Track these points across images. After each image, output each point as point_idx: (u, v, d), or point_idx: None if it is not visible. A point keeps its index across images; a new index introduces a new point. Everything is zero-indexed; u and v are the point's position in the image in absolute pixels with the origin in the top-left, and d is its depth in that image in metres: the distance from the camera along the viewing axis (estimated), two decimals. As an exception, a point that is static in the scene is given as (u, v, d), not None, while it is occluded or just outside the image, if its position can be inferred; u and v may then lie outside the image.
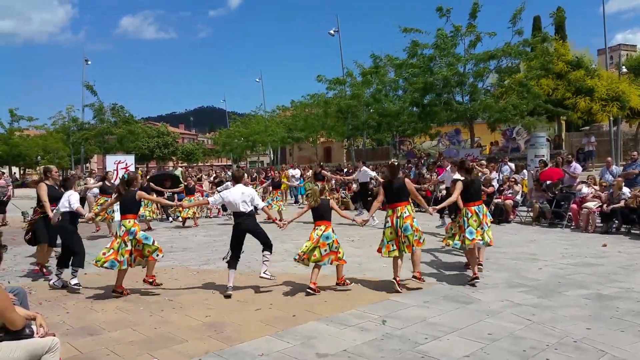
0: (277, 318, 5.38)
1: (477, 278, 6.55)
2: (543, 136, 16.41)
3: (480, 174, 15.11)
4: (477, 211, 6.81)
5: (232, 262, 6.49)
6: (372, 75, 23.51)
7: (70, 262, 6.93)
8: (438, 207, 7.47)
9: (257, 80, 45.91)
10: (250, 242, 6.55)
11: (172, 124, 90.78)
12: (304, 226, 12.83)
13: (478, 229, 6.74)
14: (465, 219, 6.84)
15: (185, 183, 15.44)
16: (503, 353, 4.27)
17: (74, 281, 6.72)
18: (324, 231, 6.38)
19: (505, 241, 10.14)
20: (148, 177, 17.64)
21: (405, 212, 6.43)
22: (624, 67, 30.04)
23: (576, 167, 13.58)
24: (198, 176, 19.61)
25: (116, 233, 6.59)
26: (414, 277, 6.48)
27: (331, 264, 6.43)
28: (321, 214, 6.52)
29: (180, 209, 13.28)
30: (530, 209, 13.09)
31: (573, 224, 11.79)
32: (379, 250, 6.68)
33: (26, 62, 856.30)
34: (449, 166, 12.38)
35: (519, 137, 26.29)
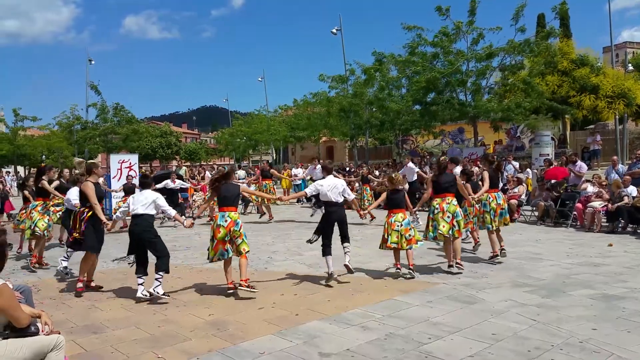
0: (280, 317, 5.38)
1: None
2: (548, 135, 16.39)
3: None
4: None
5: (327, 249, 6.78)
6: (375, 72, 23.43)
7: (156, 268, 6.22)
8: (477, 195, 8.07)
9: (260, 79, 45.94)
10: (254, 239, 6.54)
11: (175, 123, 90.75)
12: (306, 225, 12.83)
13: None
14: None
15: (261, 169, 15.66)
16: (507, 353, 4.25)
17: (160, 290, 6.08)
18: None
19: (510, 240, 10.08)
20: (152, 175, 17.66)
21: (454, 201, 7.47)
22: (629, 64, 29.91)
23: (582, 166, 13.53)
24: (202, 175, 19.60)
25: (218, 224, 6.25)
26: (457, 264, 7.32)
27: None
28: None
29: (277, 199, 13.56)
30: (534, 208, 13.04)
31: (578, 224, 11.75)
32: (435, 238, 7.61)
33: (30, 62, 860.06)
34: (409, 162, 14.63)
35: (523, 136, 26.22)
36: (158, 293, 6.04)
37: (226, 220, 6.26)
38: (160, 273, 6.13)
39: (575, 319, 5.11)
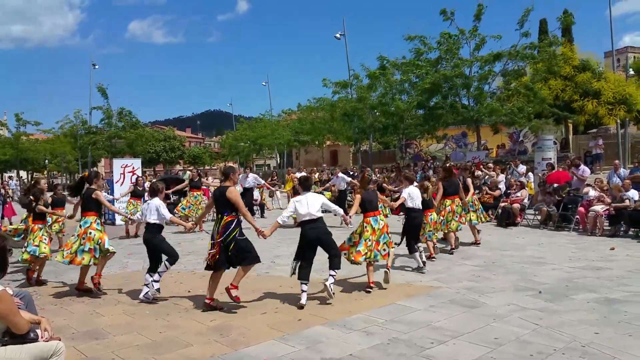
0: (283, 322, 5.37)
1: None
2: (550, 139, 16.34)
3: (487, 176, 15.13)
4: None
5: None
6: (379, 75, 23.47)
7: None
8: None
9: (264, 83, 46.10)
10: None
11: (179, 127, 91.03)
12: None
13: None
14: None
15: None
16: (510, 357, 4.23)
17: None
18: None
19: (512, 245, 10.08)
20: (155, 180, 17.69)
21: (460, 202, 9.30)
22: (631, 69, 29.85)
23: (585, 169, 13.49)
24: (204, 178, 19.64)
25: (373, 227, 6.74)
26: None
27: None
28: None
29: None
30: (537, 212, 13.00)
31: (580, 227, 11.70)
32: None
33: (35, 66, 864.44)
34: (339, 172, 15.82)
35: (526, 140, 26.16)
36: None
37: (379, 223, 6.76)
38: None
39: (577, 323, 5.09)
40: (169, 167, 56.64)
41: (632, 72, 29.37)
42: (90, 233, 6.65)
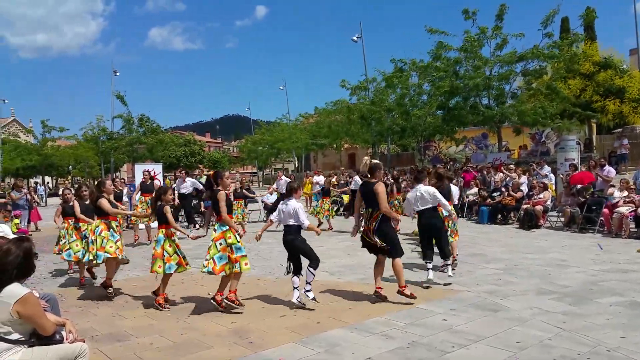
0: (302, 325, 5.37)
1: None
2: (573, 139, 16.06)
3: (507, 177, 14.94)
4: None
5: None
6: (395, 79, 23.39)
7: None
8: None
9: (281, 87, 46.33)
10: (276, 247, 6.54)
11: (198, 132, 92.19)
12: (328, 233, 12.83)
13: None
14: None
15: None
16: (533, 362, 4.16)
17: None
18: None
19: (535, 247, 9.93)
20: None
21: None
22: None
23: (610, 170, 13.24)
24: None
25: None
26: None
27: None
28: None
29: None
30: (560, 214, 12.79)
31: (605, 229, 11.47)
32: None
33: (58, 74, 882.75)
34: (282, 176, 15.85)
35: (548, 141, 25.77)
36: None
37: None
38: None
39: (602, 327, 4.98)
40: (189, 171, 57.28)
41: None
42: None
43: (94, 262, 6.97)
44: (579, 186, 12.48)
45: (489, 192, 15.01)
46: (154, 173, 16.51)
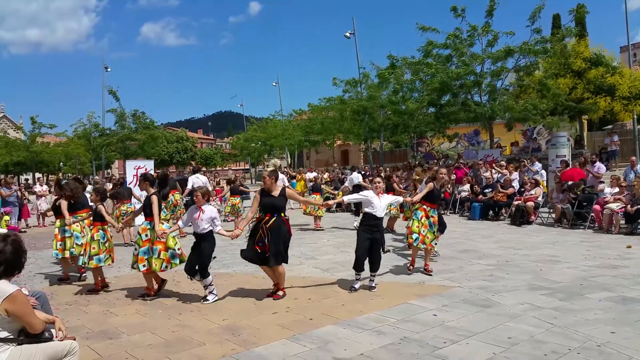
0: (294, 321, 5.37)
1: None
2: (564, 136, 16.14)
3: (499, 174, 15.00)
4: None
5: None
6: (388, 74, 23.37)
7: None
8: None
9: (274, 84, 46.17)
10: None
11: (191, 129, 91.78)
12: (322, 230, 12.82)
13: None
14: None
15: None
16: (524, 357, 4.18)
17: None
18: None
19: (527, 243, 9.98)
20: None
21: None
22: (647, 64, 29.37)
23: (600, 167, 13.33)
24: (216, 179, 19.69)
25: None
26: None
27: None
28: None
29: None
30: (551, 210, 12.87)
31: (596, 225, 11.55)
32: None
33: (50, 70, 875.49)
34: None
35: (539, 137, 25.91)
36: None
37: None
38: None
39: (593, 322, 5.02)
40: (181, 168, 57.03)
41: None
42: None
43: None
44: (570, 182, 12.56)
45: (482, 188, 15.07)
46: (146, 170, 16.43)
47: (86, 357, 4.37)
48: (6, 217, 13.39)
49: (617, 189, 11.50)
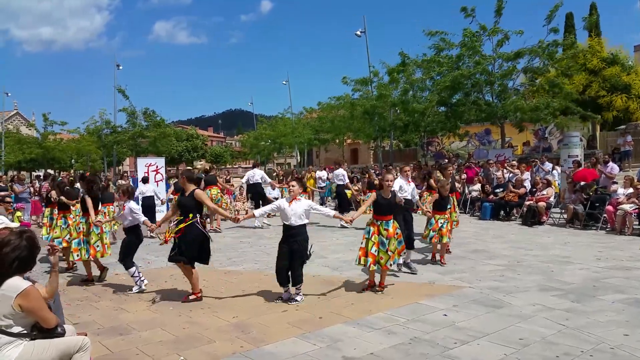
0: (304, 320, 5.37)
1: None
2: (577, 135, 15.97)
3: (510, 174, 14.89)
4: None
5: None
6: (399, 73, 23.28)
7: None
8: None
9: (284, 82, 46.16)
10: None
11: (201, 127, 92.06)
12: (330, 228, 12.80)
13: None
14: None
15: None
16: (535, 358, 4.15)
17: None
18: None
19: (538, 244, 9.90)
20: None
21: None
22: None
23: (613, 167, 13.18)
24: (227, 177, 19.73)
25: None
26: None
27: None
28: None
29: None
30: (563, 211, 12.75)
31: (609, 226, 11.42)
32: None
33: (62, 67, 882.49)
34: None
35: (551, 137, 25.70)
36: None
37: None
38: None
39: (605, 324, 4.96)
40: (191, 166, 57.32)
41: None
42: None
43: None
44: (582, 183, 12.43)
45: (493, 187, 14.97)
46: (157, 167, 16.51)
47: (97, 353, 4.41)
48: (18, 213, 13.53)
49: (630, 190, 11.35)
